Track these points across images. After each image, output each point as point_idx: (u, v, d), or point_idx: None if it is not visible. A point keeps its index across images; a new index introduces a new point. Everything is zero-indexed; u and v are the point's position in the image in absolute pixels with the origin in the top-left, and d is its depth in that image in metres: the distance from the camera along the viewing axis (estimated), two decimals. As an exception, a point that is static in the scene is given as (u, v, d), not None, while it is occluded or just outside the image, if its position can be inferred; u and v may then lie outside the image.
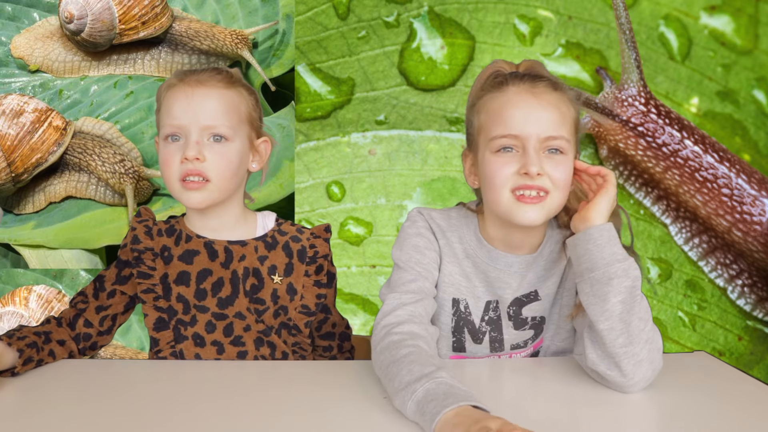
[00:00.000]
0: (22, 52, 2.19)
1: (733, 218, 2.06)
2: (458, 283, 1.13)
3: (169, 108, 1.15)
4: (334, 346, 1.30)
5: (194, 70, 1.18)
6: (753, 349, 2.20)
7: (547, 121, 1.04)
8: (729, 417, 0.92)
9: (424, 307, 1.06)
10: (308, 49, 2.19)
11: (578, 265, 1.02)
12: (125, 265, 1.21)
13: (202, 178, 1.13)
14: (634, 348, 0.97)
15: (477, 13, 2.17)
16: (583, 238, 1.01)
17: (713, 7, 2.16)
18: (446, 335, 1.15)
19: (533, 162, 1.02)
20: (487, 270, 1.13)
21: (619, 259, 0.99)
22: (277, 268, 1.19)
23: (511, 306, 1.13)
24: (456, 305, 1.14)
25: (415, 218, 1.15)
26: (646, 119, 2.06)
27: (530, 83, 1.07)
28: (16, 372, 1.05)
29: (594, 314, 0.98)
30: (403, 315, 1.02)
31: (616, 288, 0.97)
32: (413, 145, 2.19)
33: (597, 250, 1.00)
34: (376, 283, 2.20)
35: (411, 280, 1.08)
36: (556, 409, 0.95)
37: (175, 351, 1.17)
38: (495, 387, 1.06)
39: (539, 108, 1.04)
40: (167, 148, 1.15)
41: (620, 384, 0.98)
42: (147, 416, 0.91)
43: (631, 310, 0.98)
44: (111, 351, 2.17)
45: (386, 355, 0.95)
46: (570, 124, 1.07)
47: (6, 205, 2.16)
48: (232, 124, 1.15)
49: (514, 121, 1.04)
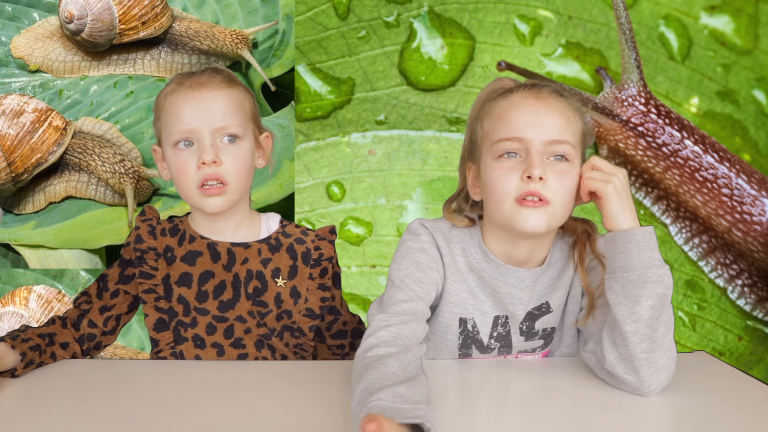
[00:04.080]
0: (22, 52, 2.19)
1: (733, 218, 2.06)
2: (464, 302, 1.09)
3: (176, 113, 1.12)
4: (346, 345, 1.28)
5: (192, 73, 1.16)
6: (753, 349, 2.20)
7: (551, 124, 1.01)
8: (729, 417, 0.92)
9: (412, 330, 0.97)
10: (308, 49, 2.19)
11: (613, 261, 0.99)
12: (128, 265, 1.20)
13: (220, 182, 1.11)
14: (655, 355, 0.96)
15: (477, 13, 2.17)
16: (625, 236, 0.98)
17: (713, 7, 2.16)
18: (452, 350, 1.12)
19: (536, 165, 0.99)
20: (496, 285, 1.08)
21: (657, 265, 0.96)
22: (281, 270, 1.18)
23: (524, 321, 1.10)
24: (463, 325, 1.10)
25: (418, 231, 1.09)
26: (646, 119, 2.06)
27: (535, 89, 1.04)
28: (16, 374, 1.05)
29: (621, 315, 0.97)
30: (384, 336, 0.94)
31: (648, 292, 0.96)
32: (413, 145, 2.19)
33: (637, 251, 0.97)
34: (376, 283, 2.20)
35: (404, 300, 1.01)
36: (557, 408, 0.95)
37: (175, 352, 1.17)
38: (502, 387, 1.06)
39: (544, 111, 1.02)
40: (178, 155, 1.12)
41: (636, 388, 0.98)
42: (147, 416, 0.91)
43: (659, 317, 0.96)
44: (111, 351, 2.17)
45: (354, 382, 0.89)
46: (576, 131, 1.03)
47: (6, 205, 2.16)
48: (242, 123, 1.14)
49: (518, 123, 1.01)
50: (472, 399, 1.00)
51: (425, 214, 2.19)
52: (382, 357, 0.89)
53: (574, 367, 1.09)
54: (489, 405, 0.98)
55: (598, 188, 1.01)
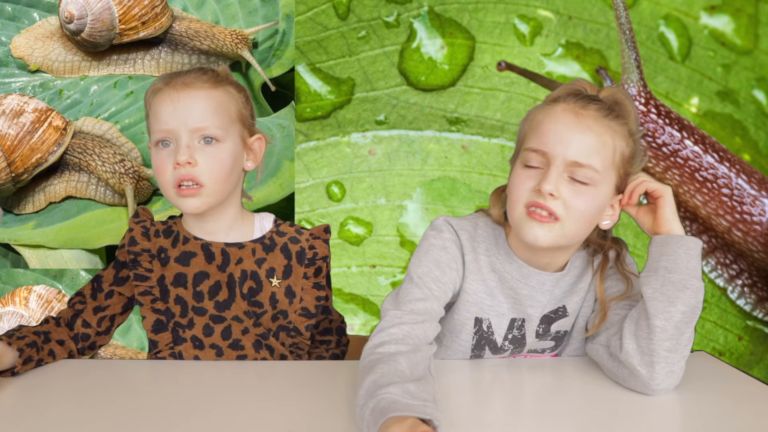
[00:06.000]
0: (22, 52, 2.19)
1: (733, 218, 2.06)
2: (482, 302, 1.08)
3: (156, 113, 1.13)
4: (332, 341, 1.30)
5: (180, 72, 1.16)
6: (753, 349, 2.20)
7: (579, 145, 0.98)
8: (729, 417, 0.92)
9: (424, 330, 0.97)
10: (308, 49, 2.19)
11: (657, 261, 1.00)
12: (123, 266, 1.20)
13: (195, 183, 1.11)
14: (674, 356, 0.97)
15: (477, 13, 2.17)
16: (679, 241, 0.99)
17: (713, 7, 2.16)
18: (464, 351, 1.12)
19: (549, 181, 0.97)
20: (517, 287, 1.08)
21: (698, 277, 0.98)
22: (276, 270, 1.18)
23: (540, 324, 1.10)
24: (479, 324, 1.09)
25: (441, 228, 1.08)
26: (646, 119, 2.06)
27: (581, 104, 1.00)
28: (16, 372, 1.05)
29: (655, 309, 0.97)
30: (396, 334, 0.94)
31: (686, 298, 0.97)
32: (413, 145, 2.19)
33: (686, 258, 0.98)
34: (376, 283, 2.20)
35: (420, 298, 1.01)
36: (565, 406, 0.96)
37: (174, 353, 1.16)
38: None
39: (575, 130, 0.98)
40: (158, 154, 1.13)
41: (645, 383, 0.98)
42: (147, 416, 0.91)
43: (688, 324, 0.98)
44: (111, 351, 2.17)
45: (361, 374, 0.90)
46: (610, 156, 1.00)
47: (6, 205, 2.16)
48: (222, 124, 1.13)
49: (547, 137, 1.00)
50: (483, 398, 1.01)
51: (425, 214, 2.20)
52: (393, 354, 0.90)
53: (583, 366, 1.09)
54: (501, 404, 0.98)
55: (656, 188, 1.02)
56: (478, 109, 2.17)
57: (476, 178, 2.17)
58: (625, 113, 1.02)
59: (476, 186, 2.18)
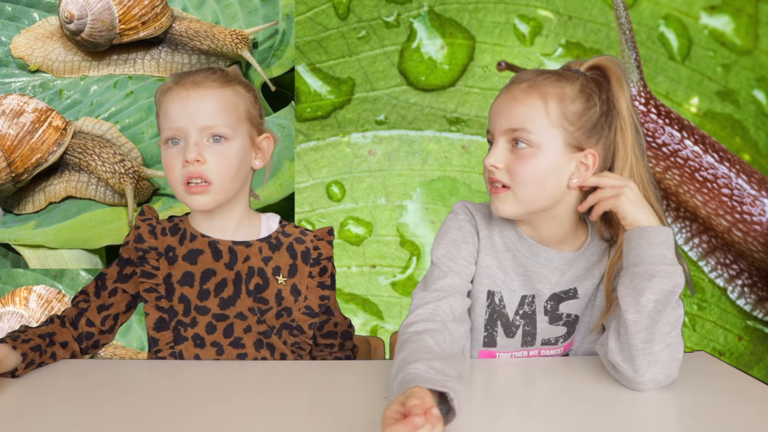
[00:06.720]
0: (22, 52, 2.19)
1: (733, 218, 2.06)
2: (494, 276, 1.13)
3: (166, 112, 1.14)
4: (335, 344, 1.30)
5: (189, 72, 1.17)
6: (753, 349, 2.20)
7: (509, 114, 1.05)
8: (729, 417, 0.92)
9: (450, 304, 1.04)
10: (308, 49, 2.19)
11: (626, 258, 1.02)
12: (127, 263, 1.21)
13: (203, 180, 1.13)
14: (653, 347, 0.98)
15: (477, 13, 2.17)
16: (640, 233, 1.01)
17: (713, 7, 2.16)
18: (479, 328, 1.14)
19: (490, 154, 1.06)
20: (527, 263, 1.12)
21: (666, 263, 0.99)
22: (282, 269, 1.19)
23: (549, 301, 1.13)
24: (491, 297, 1.13)
25: (458, 210, 1.16)
26: (646, 119, 2.06)
27: (512, 82, 1.09)
28: (16, 374, 1.05)
29: (626, 305, 0.99)
30: (423, 313, 1.02)
31: (654, 287, 0.98)
32: (413, 145, 2.20)
33: (648, 248, 1.00)
34: (376, 283, 2.20)
35: (440, 276, 1.08)
36: (571, 406, 0.96)
37: (174, 352, 1.17)
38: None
39: (504, 102, 1.07)
40: (168, 152, 1.15)
41: (630, 379, 0.99)
42: (147, 416, 0.91)
43: (662, 311, 0.98)
44: (111, 351, 2.17)
45: (396, 354, 0.96)
46: (544, 115, 1.04)
47: (6, 205, 2.16)
48: (230, 123, 1.15)
49: (490, 119, 1.09)
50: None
51: (425, 214, 2.20)
52: (420, 332, 0.98)
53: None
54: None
55: (611, 206, 1.04)
56: (478, 109, 2.17)
57: (476, 178, 2.17)
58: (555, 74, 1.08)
59: (476, 186, 2.18)
